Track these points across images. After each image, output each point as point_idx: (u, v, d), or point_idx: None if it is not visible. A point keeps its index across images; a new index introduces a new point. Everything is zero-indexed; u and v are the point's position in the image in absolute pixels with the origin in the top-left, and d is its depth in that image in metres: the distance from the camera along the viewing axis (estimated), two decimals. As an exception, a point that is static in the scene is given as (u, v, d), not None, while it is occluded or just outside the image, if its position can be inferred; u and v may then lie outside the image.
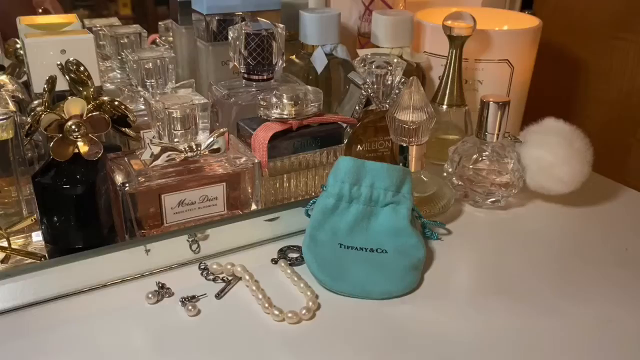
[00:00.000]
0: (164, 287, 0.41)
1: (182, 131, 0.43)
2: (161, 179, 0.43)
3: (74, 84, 0.45)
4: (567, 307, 0.41)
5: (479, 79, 0.61)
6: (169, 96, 0.44)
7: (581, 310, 0.41)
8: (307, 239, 0.44)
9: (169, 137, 0.43)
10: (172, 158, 0.42)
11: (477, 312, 0.40)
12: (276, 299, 0.40)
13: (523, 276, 0.45)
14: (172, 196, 0.43)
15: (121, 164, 0.44)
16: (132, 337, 0.37)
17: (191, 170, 0.44)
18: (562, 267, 0.46)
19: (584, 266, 0.46)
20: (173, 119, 0.42)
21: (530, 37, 0.61)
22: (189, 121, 0.43)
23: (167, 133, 0.43)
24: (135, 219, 0.42)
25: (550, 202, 0.55)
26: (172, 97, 0.44)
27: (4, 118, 0.40)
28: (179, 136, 0.43)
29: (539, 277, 0.45)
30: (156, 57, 0.50)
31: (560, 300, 0.42)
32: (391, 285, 0.42)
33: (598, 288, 0.43)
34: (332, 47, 0.60)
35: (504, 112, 0.51)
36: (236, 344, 0.37)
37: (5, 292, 0.38)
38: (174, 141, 0.43)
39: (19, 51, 0.59)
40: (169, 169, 0.43)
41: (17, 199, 0.44)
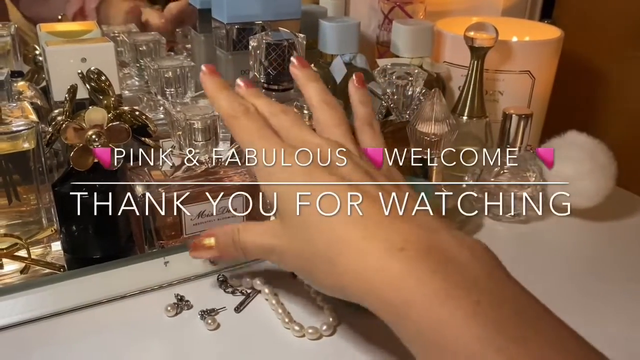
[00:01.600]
0: (183, 299, 0.41)
1: (202, 142, 0.43)
2: (181, 190, 0.42)
3: (95, 93, 0.45)
4: (588, 323, 0.40)
5: (500, 90, 0.60)
6: (190, 107, 0.44)
7: (603, 327, 0.40)
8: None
9: (190, 145, 0.43)
10: (192, 169, 0.42)
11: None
12: (295, 313, 0.40)
13: (543, 291, 0.44)
14: (192, 207, 0.43)
15: (140, 174, 0.43)
16: (152, 351, 0.37)
17: (211, 181, 0.43)
18: (582, 282, 0.45)
19: (605, 281, 0.45)
20: (194, 130, 0.42)
21: (552, 48, 0.60)
22: (210, 132, 0.43)
23: (187, 144, 0.42)
24: (154, 229, 0.42)
25: (572, 216, 0.54)
26: (193, 107, 0.44)
27: (26, 129, 0.39)
28: (200, 147, 0.43)
29: (560, 292, 0.44)
30: (176, 66, 0.50)
31: (582, 316, 0.41)
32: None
33: (620, 305, 0.43)
34: (351, 57, 0.59)
35: (527, 125, 0.51)
36: (256, 359, 0.36)
37: (24, 303, 0.38)
38: (195, 152, 0.43)
39: (38, 57, 0.59)
40: (189, 180, 0.42)
41: (36, 207, 0.44)
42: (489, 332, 0.25)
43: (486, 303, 0.26)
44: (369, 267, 0.29)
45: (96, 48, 0.48)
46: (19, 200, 0.42)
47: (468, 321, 0.25)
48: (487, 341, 0.24)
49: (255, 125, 0.36)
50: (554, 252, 0.50)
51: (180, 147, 0.43)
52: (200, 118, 0.42)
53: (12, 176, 0.41)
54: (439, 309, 0.26)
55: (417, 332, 0.27)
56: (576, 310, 0.42)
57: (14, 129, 0.39)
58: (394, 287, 0.28)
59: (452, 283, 0.27)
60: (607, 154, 0.51)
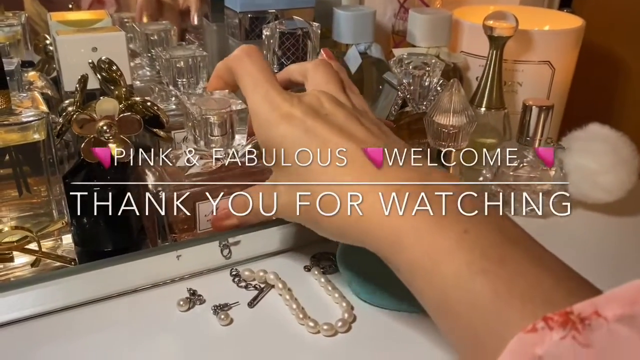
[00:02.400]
0: (196, 293, 0.40)
1: (219, 137, 0.41)
2: (196, 187, 0.41)
3: (106, 83, 0.44)
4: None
5: (519, 81, 0.59)
6: (205, 99, 0.43)
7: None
8: (342, 246, 0.42)
9: (205, 142, 0.41)
10: (208, 165, 0.41)
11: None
12: (309, 309, 0.39)
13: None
14: (206, 204, 0.42)
15: (153, 167, 0.43)
16: (164, 346, 0.36)
17: (226, 177, 0.42)
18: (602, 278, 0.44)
19: (626, 278, 0.44)
20: (210, 124, 0.41)
21: (573, 37, 0.58)
22: (227, 126, 0.41)
23: (203, 138, 0.41)
24: (167, 224, 0.41)
25: (591, 210, 0.53)
26: (209, 100, 0.42)
27: (37, 119, 0.39)
28: (216, 142, 0.42)
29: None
30: (188, 55, 0.49)
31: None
32: (430, 297, 0.40)
33: None
34: (366, 46, 0.58)
35: (547, 117, 0.49)
36: (270, 356, 0.36)
37: (35, 296, 0.37)
38: (211, 147, 0.42)
39: (49, 47, 0.58)
40: (204, 176, 0.42)
41: (47, 199, 0.43)
42: (474, 256, 0.27)
43: (473, 231, 0.28)
44: (365, 212, 0.31)
45: (107, 37, 0.47)
46: (30, 192, 0.42)
47: (456, 248, 0.27)
48: (474, 264, 0.27)
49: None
50: (574, 247, 0.48)
51: (195, 141, 0.42)
52: (216, 113, 0.41)
53: (23, 167, 0.41)
54: (430, 238, 0.28)
55: (410, 262, 0.29)
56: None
57: (24, 120, 0.39)
58: (388, 225, 0.30)
59: (441, 216, 0.29)
60: (630, 147, 0.50)
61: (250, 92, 0.37)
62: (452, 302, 0.27)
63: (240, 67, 0.38)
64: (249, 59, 0.38)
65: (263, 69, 0.38)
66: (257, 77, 0.37)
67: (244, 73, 0.38)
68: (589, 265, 0.46)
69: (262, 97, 0.36)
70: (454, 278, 0.27)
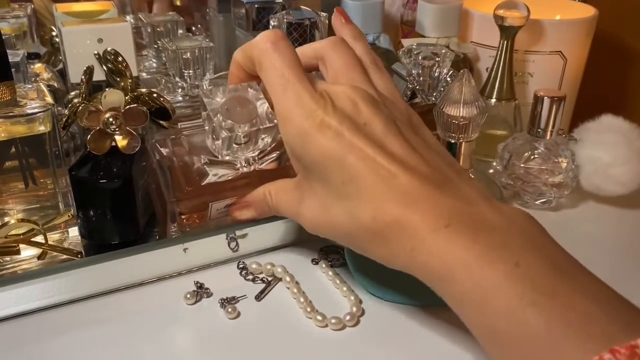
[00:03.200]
0: (203, 287, 0.40)
1: (244, 144, 0.38)
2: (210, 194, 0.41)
3: (112, 75, 0.44)
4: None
5: (530, 72, 0.58)
6: (230, 102, 0.37)
7: None
8: (350, 239, 0.42)
9: (228, 149, 0.39)
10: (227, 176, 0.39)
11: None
12: (317, 303, 0.39)
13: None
14: (219, 203, 0.42)
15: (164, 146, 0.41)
16: (171, 339, 0.36)
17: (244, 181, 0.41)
18: (613, 272, 0.43)
19: (636, 271, 0.43)
20: (237, 135, 0.38)
21: (585, 27, 0.57)
22: (254, 134, 0.39)
23: (226, 147, 0.39)
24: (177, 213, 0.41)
25: (603, 203, 0.52)
26: (233, 105, 0.37)
27: (42, 111, 0.38)
28: (239, 149, 0.39)
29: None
30: (194, 46, 0.48)
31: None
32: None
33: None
34: (374, 37, 0.57)
35: (559, 108, 0.48)
36: (278, 349, 0.35)
37: (41, 289, 0.37)
38: (235, 154, 0.39)
39: (55, 39, 0.58)
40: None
41: (53, 191, 0.43)
42: (525, 289, 0.26)
43: (524, 263, 0.27)
44: (415, 242, 0.30)
45: (113, 28, 0.47)
46: (36, 185, 0.41)
47: (507, 281, 0.27)
48: (525, 297, 0.26)
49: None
50: (584, 240, 0.48)
51: (213, 143, 0.39)
52: (246, 124, 0.37)
53: (29, 160, 0.41)
54: (480, 272, 0.28)
55: (460, 295, 0.29)
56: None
57: (29, 112, 0.38)
58: (439, 258, 0.29)
59: (492, 249, 0.28)
60: (643, 139, 0.49)
61: (279, 94, 0.33)
62: (502, 334, 0.27)
63: (266, 61, 0.34)
64: (276, 51, 0.34)
65: (293, 63, 0.34)
66: (287, 75, 0.33)
67: (270, 69, 0.34)
68: (602, 259, 0.46)
69: (294, 102, 0.33)
70: (505, 311, 0.27)
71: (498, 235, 0.29)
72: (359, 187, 0.31)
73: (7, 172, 0.40)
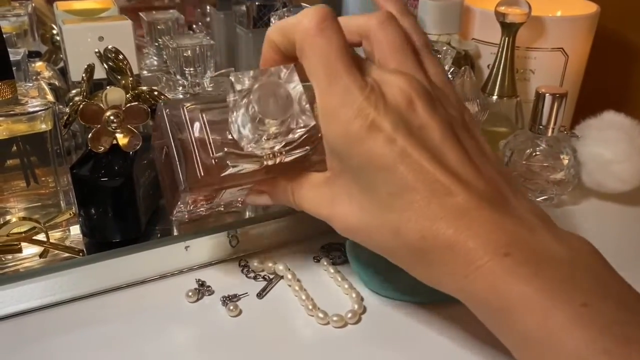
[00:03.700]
0: (204, 284, 0.40)
1: (274, 133, 0.33)
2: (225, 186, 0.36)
3: (112, 73, 0.44)
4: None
5: (531, 68, 0.58)
6: (263, 89, 0.32)
7: None
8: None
9: (256, 143, 0.34)
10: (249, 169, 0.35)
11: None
12: (319, 300, 0.39)
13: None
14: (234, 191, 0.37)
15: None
16: (173, 337, 0.36)
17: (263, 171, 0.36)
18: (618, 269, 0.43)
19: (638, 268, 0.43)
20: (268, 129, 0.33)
21: (587, 24, 0.57)
22: (286, 127, 0.33)
23: (254, 140, 0.33)
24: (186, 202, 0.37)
25: (605, 200, 0.52)
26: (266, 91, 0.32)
27: (43, 109, 0.38)
28: (267, 139, 0.33)
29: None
30: (195, 44, 0.48)
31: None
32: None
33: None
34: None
35: (561, 105, 0.48)
36: (279, 347, 0.35)
37: (43, 287, 0.37)
38: (262, 145, 0.33)
39: (56, 37, 0.58)
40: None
41: (55, 189, 0.43)
42: (594, 334, 0.24)
43: (590, 304, 0.25)
44: (469, 269, 0.27)
45: (113, 26, 0.47)
46: (37, 183, 0.41)
47: (574, 323, 0.25)
48: (593, 343, 0.24)
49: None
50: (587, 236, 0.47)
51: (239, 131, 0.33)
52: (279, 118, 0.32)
53: (30, 158, 0.41)
54: (543, 311, 0.25)
55: (519, 334, 0.27)
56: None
57: (30, 110, 0.38)
58: (496, 290, 0.27)
59: (555, 285, 0.26)
60: (645, 136, 0.49)
61: (324, 87, 0.29)
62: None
63: (309, 46, 0.29)
64: (322, 35, 0.29)
65: (341, 52, 0.29)
66: (334, 64, 0.29)
67: (315, 56, 0.29)
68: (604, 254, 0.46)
69: (341, 97, 0.29)
70: (573, 356, 0.24)
71: (562, 270, 0.27)
72: (409, 201, 0.28)
73: (8, 170, 0.40)
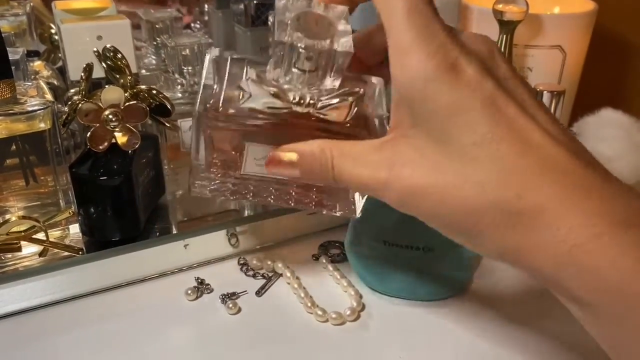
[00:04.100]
0: (203, 283, 0.40)
1: (308, 72, 0.29)
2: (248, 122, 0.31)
3: (111, 72, 0.44)
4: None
5: (529, 66, 0.58)
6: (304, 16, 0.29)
7: None
8: (350, 235, 0.42)
9: (286, 75, 0.30)
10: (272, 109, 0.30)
11: (530, 315, 0.38)
12: (318, 298, 0.39)
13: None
14: (258, 148, 0.32)
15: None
16: (172, 335, 0.36)
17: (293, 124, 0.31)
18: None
19: None
20: (298, 53, 0.29)
21: (585, 21, 0.57)
22: (322, 65, 0.29)
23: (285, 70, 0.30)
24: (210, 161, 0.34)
25: (604, 197, 0.52)
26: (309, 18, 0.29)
27: (42, 108, 0.38)
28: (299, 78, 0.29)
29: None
30: (193, 43, 0.48)
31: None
32: (440, 285, 0.40)
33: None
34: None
35: (558, 102, 0.48)
36: (278, 345, 0.35)
37: (43, 286, 0.37)
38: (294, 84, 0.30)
39: (54, 36, 0.58)
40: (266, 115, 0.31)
41: (54, 189, 0.43)
42: None
43: None
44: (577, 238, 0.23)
45: (112, 25, 0.47)
46: (37, 182, 0.42)
47: None
48: None
49: None
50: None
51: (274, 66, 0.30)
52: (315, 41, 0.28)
53: (29, 157, 0.41)
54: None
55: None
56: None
57: (29, 109, 0.38)
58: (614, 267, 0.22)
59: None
60: (643, 133, 0.49)
61: (400, 16, 0.25)
62: None
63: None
64: None
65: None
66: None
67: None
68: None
69: (420, 30, 0.25)
70: None
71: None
72: (499, 152, 0.24)
73: (7, 169, 0.41)
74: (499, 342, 0.36)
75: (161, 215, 0.47)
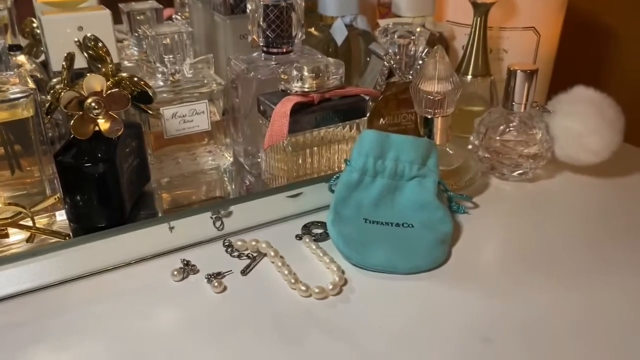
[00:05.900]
0: (189, 264, 0.41)
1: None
2: None
3: (93, 61, 0.45)
4: (596, 280, 0.40)
5: (504, 48, 0.59)
6: None
7: (611, 282, 0.40)
8: (332, 214, 0.43)
9: None
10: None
11: (504, 287, 0.39)
12: (302, 275, 0.40)
13: (551, 250, 0.44)
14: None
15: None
16: (160, 315, 0.37)
17: None
18: (591, 240, 0.45)
19: (613, 238, 0.45)
20: None
21: (557, 2, 0.59)
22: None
23: None
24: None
25: (579, 173, 0.54)
26: None
27: (23, 96, 0.39)
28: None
29: (568, 251, 0.43)
30: (174, 32, 0.49)
31: (590, 273, 0.41)
32: (418, 259, 0.41)
33: (628, 260, 0.42)
34: (352, 18, 0.58)
35: (532, 81, 0.50)
36: (263, 320, 0.36)
37: (31, 271, 0.38)
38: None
39: (36, 30, 0.58)
40: None
41: (39, 178, 0.44)
42: None
43: None
44: None
45: (92, 16, 0.47)
46: (22, 171, 0.42)
47: None
48: None
49: None
50: (561, 209, 0.49)
51: None
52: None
53: (14, 146, 0.41)
54: None
55: None
56: (583, 265, 0.42)
57: (11, 97, 0.39)
58: None
59: None
60: (614, 109, 0.50)
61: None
62: None
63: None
64: None
65: None
66: None
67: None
68: (578, 227, 0.47)
69: None
70: None
71: None
72: None
73: (-8, 159, 0.41)
74: (474, 313, 0.37)
75: (147, 202, 0.48)
